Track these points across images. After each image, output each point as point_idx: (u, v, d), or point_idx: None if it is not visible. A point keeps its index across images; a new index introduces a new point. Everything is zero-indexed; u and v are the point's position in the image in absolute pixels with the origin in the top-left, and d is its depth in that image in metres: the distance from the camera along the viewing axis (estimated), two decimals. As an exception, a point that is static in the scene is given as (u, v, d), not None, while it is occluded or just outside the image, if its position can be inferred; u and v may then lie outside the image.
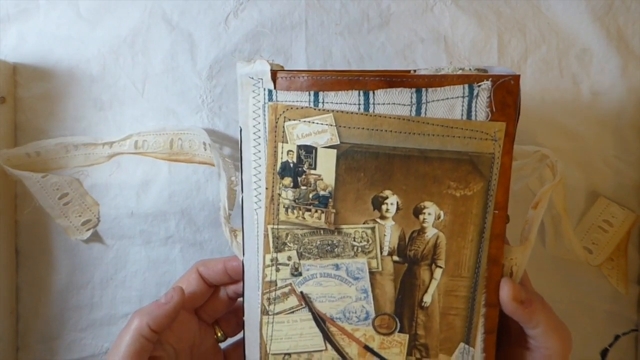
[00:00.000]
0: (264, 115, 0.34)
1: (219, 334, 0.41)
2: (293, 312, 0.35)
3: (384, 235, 0.34)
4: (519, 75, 0.32)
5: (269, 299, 0.35)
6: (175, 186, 0.49)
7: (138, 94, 0.49)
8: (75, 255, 0.49)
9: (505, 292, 0.34)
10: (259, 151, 0.34)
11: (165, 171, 0.49)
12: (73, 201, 0.48)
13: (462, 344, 0.35)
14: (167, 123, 0.49)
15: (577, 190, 0.48)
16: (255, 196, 0.34)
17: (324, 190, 0.33)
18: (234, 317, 0.42)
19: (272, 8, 0.48)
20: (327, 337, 0.35)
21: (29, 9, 0.49)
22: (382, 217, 0.34)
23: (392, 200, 0.33)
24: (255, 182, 0.34)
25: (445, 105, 0.32)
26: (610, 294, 0.48)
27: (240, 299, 0.40)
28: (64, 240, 0.49)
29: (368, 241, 0.34)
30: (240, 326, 0.38)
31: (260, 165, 0.34)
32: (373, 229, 0.34)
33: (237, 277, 0.38)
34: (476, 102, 0.32)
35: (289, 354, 0.36)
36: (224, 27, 0.49)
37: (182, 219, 0.49)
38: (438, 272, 0.34)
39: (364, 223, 0.34)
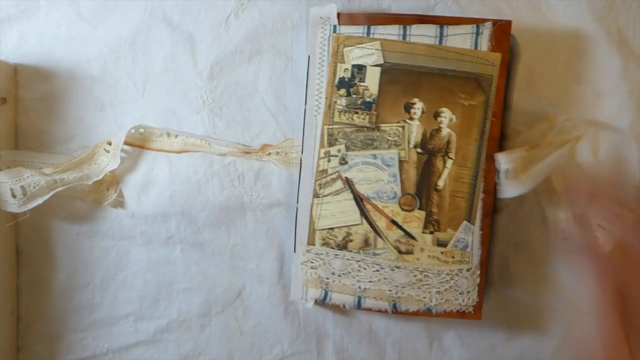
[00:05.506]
0: (328, 44, 0.46)
1: None
2: (338, 193, 0.46)
3: (411, 132, 0.46)
4: (511, 21, 0.44)
5: (320, 184, 0.47)
6: (176, 187, 0.49)
7: (139, 95, 0.49)
8: (76, 255, 0.50)
9: None
10: (322, 71, 0.47)
11: (166, 172, 0.49)
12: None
13: (465, 222, 0.46)
14: (168, 123, 0.49)
15: (577, 191, 0.48)
16: (316, 105, 0.47)
17: (369, 97, 0.46)
18: None
19: (273, 8, 0.48)
20: (363, 213, 0.47)
21: (29, 9, 0.49)
22: (411, 118, 0.46)
23: (418, 106, 0.46)
24: (316, 95, 0.47)
25: (460, 38, 0.45)
26: (610, 294, 0.48)
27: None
28: (64, 241, 0.49)
29: (399, 136, 0.46)
30: None
31: (321, 82, 0.47)
32: (404, 127, 0.46)
33: None
34: (481, 38, 0.45)
35: (332, 228, 0.46)
36: (225, 28, 0.49)
37: (183, 219, 0.49)
38: (449, 162, 0.46)
39: (397, 122, 0.46)
